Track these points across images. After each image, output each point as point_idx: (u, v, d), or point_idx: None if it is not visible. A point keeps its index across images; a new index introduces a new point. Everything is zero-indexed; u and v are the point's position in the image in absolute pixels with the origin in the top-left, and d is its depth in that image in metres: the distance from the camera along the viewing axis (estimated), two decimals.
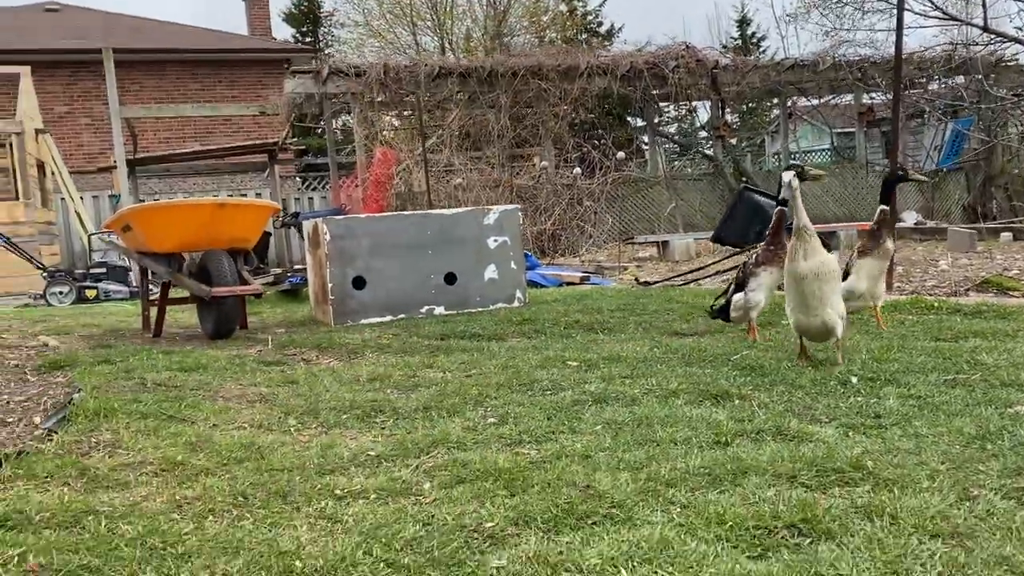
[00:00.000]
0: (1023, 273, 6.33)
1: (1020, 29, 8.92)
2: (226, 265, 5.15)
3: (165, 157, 15.08)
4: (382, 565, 1.62)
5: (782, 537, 1.69)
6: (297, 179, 18.89)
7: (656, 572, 1.54)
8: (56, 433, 2.51)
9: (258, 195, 15.00)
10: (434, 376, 3.55)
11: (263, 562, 1.63)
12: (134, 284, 9.69)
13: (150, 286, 5.80)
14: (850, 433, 2.38)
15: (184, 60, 19.60)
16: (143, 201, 12.85)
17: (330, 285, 5.60)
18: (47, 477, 2.04)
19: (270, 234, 12.93)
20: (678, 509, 1.87)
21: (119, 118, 12.21)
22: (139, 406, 2.92)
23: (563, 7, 29.70)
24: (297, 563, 1.63)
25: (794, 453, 2.18)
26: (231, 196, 13.71)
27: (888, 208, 4.18)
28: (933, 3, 7.97)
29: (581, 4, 29.80)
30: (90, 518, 1.74)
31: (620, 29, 29.11)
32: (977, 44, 12.00)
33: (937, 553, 1.58)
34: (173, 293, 5.77)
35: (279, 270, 10.13)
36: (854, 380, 2.95)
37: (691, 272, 7.39)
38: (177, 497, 2.02)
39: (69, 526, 1.72)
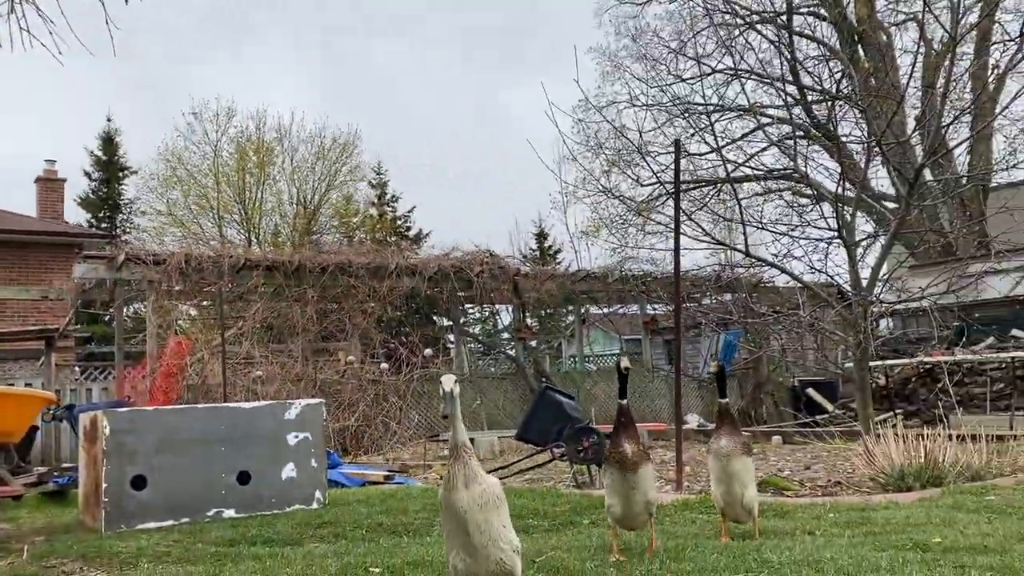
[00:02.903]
0: (794, 474, 6.88)
1: (775, 255, 10.27)
2: None
3: None
4: None
5: None
6: (76, 368, 17.41)
7: None
8: None
9: (28, 385, 13.60)
10: None
11: None
12: None
13: None
14: None
15: None
16: None
17: (104, 485, 5.06)
18: None
19: (37, 428, 11.62)
20: None
21: None
22: None
23: (373, 211, 30.87)
24: None
25: None
26: None
27: (725, 401, 3.94)
28: (703, 229, 9.11)
29: (391, 209, 31.13)
30: None
31: (428, 234, 30.54)
32: (741, 267, 13.67)
33: None
34: None
35: (44, 469, 9.04)
36: None
37: (496, 471, 7.39)
38: None
39: None
